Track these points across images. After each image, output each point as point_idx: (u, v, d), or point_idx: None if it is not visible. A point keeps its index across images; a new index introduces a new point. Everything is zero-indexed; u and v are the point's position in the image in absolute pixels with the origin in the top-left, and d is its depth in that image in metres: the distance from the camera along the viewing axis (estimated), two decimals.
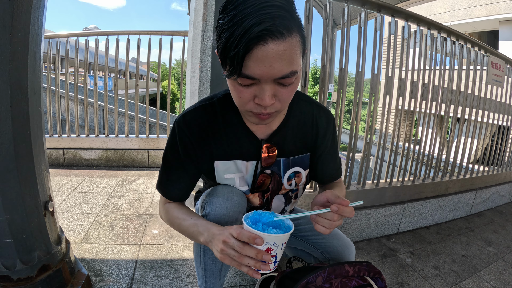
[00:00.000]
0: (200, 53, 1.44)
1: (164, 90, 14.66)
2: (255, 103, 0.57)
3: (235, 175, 0.75)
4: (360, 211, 1.56)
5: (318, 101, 0.81)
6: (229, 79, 0.57)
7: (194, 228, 0.67)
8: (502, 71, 2.13)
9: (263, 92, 0.55)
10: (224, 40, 0.51)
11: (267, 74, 0.52)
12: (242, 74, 0.52)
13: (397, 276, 1.30)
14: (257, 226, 0.56)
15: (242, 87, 0.56)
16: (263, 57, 0.50)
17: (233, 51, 0.50)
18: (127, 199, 1.87)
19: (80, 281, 0.96)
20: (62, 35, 2.49)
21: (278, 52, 0.50)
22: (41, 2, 0.75)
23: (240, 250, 0.54)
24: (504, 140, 2.44)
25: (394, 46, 1.61)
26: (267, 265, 0.55)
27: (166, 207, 0.77)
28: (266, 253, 0.54)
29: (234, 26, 0.49)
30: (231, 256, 0.56)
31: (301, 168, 0.79)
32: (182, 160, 0.72)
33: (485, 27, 8.14)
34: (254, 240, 0.53)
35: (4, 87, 0.69)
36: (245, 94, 0.56)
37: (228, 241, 0.56)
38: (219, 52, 0.55)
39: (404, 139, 2.07)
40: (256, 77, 0.52)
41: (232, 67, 0.52)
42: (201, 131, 0.70)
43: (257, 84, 0.55)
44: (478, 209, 2.18)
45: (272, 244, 0.55)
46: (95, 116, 2.55)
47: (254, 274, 0.55)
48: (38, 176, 0.82)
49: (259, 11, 0.48)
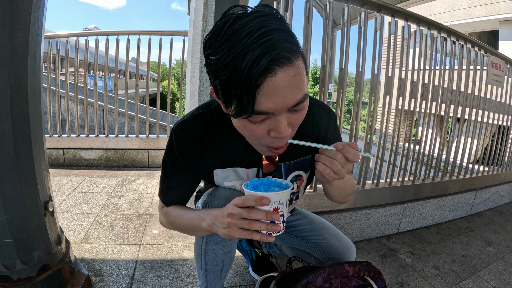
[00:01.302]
0: (200, 53, 1.44)
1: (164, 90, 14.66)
2: (270, 137, 0.54)
3: (236, 183, 0.74)
4: (360, 211, 1.56)
5: (317, 99, 0.79)
6: (236, 119, 0.53)
7: (196, 217, 0.67)
8: (502, 71, 2.13)
9: (278, 125, 0.51)
10: (225, 78, 0.47)
11: (281, 105, 0.49)
12: (255, 111, 0.48)
13: (397, 276, 1.30)
14: (259, 189, 0.57)
15: (254, 124, 0.52)
16: (274, 89, 0.46)
17: (241, 89, 0.46)
18: (127, 199, 1.87)
19: (80, 281, 0.96)
20: (62, 35, 2.49)
21: (288, 80, 0.47)
22: (41, 2, 0.75)
23: (249, 215, 0.54)
24: (504, 140, 2.44)
25: (394, 46, 1.61)
26: (278, 225, 0.55)
27: (164, 210, 0.77)
28: (275, 212, 0.55)
29: (235, 61, 0.45)
30: (240, 226, 0.55)
31: (302, 172, 0.79)
32: (181, 168, 0.71)
33: (485, 27, 8.14)
34: (261, 201, 0.53)
35: (4, 87, 0.69)
36: (259, 131, 0.53)
37: (234, 212, 0.55)
38: (219, 92, 0.51)
39: (404, 139, 2.07)
40: (270, 111, 0.49)
41: (240, 106, 0.48)
42: (199, 139, 0.68)
43: (270, 118, 0.51)
44: (478, 209, 2.18)
45: (278, 202, 0.55)
46: (95, 116, 2.55)
47: (268, 238, 0.55)
48: (38, 176, 0.82)
49: (259, 40, 0.44)
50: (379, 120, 1.69)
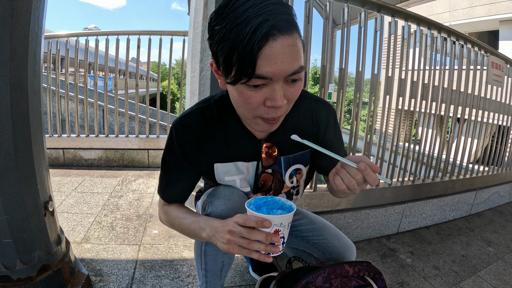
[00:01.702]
0: (200, 53, 1.44)
1: (164, 90, 14.66)
2: (266, 107, 0.56)
3: (236, 177, 0.75)
4: (360, 211, 1.56)
5: (316, 95, 0.80)
6: (234, 86, 0.55)
7: (195, 225, 0.67)
8: (502, 71, 2.13)
9: (274, 93, 0.53)
10: (229, 42, 0.50)
11: (279, 71, 0.51)
12: (254, 74, 0.51)
13: (397, 276, 1.30)
14: (262, 210, 0.56)
15: (251, 91, 0.54)
16: (274, 54, 0.50)
17: (243, 51, 0.49)
18: (127, 199, 1.87)
19: (80, 281, 0.96)
20: (62, 35, 2.49)
21: (288, 47, 0.50)
22: (41, 2, 0.75)
23: (249, 235, 0.54)
24: (504, 140, 2.44)
25: (394, 46, 1.61)
26: (277, 247, 0.55)
27: (165, 209, 0.77)
28: (275, 235, 0.55)
29: (239, 26, 0.49)
30: (240, 244, 0.55)
31: (301, 165, 0.79)
32: (181, 163, 0.71)
33: (485, 27, 8.14)
34: (262, 224, 0.53)
35: (4, 87, 0.69)
36: (255, 99, 0.55)
37: (235, 230, 0.55)
38: (221, 58, 0.53)
39: (404, 139, 2.06)
40: (268, 76, 0.51)
41: (241, 70, 0.51)
42: (199, 134, 0.69)
43: (267, 86, 0.54)
44: (478, 209, 2.18)
45: (279, 225, 0.55)
46: (95, 116, 2.55)
47: (266, 258, 0.55)
48: (38, 176, 0.82)
49: (262, 9, 0.49)
50: (379, 120, 1.69)
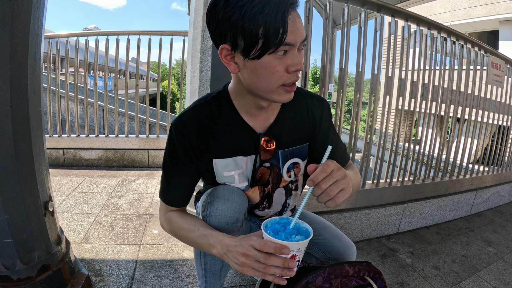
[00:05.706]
0: (200, 53, 1.44)
1: (164, 90, 14.66)
2: (288, 73, 0.60)
3: (234, 172, 0.75)
4: (360, 211, 1.56)
5: (309, 91, 0.81)
6: (259, 59, 0.57)
7: (204, 240, 0.65)
8: (502, 71, 2.13)
9: (295, 57, 0.58)
10: (255, 16, 0.53)
11: (299, 37, 0.57)
12: (283, 42, 0.55)
13: (397, 276, 1.30)
14: (280, 236, 0.56)
15: (277, 59, 0.57)
16: (295, 23, 0.55)
17: (275, 22, 0.53)
18: (127, 199, 1.87)
19: (80, 281, 0.95)
20: (62, 35, 2.49)
21: (298, 17, 0.57)
22: (41, 2, 0.76)
23: (266, 261, 0.54)
24: (504, 140, 2.44)
25: (394, 46, 1.61)
26: (292, 270, 0.55)
27: (168, 216, 0.75)
28: (292, 260, 0.55)
29: (262, 1, 0.52)
30: (255, 268, 0.55)
31: (299, 159, 0.79)
32: (182, 162, 0.71)
33: (485, 27, 8.13)
34: (281, 251, 0.53)
35: (4, 87, 0.69)
36: (280, 68, 0.58)
37: (250, 254, 0.55)
38: (241, 36, 0.56)
39: (404, 139, 2.07)
40: (292, 42, 0.56)
41: (270, 40, 0.54)
42: (198, 130, 0.69)
43: (288, 52, 0.58)
44: (478, 209, 2.18)
45: (297, 251, 0.55)
46: (95, 116, 2.55)
47: (280, 281, 0.56)
48: (38, 176, 0.82)
49: None
50: (379, 120, 1.69)
